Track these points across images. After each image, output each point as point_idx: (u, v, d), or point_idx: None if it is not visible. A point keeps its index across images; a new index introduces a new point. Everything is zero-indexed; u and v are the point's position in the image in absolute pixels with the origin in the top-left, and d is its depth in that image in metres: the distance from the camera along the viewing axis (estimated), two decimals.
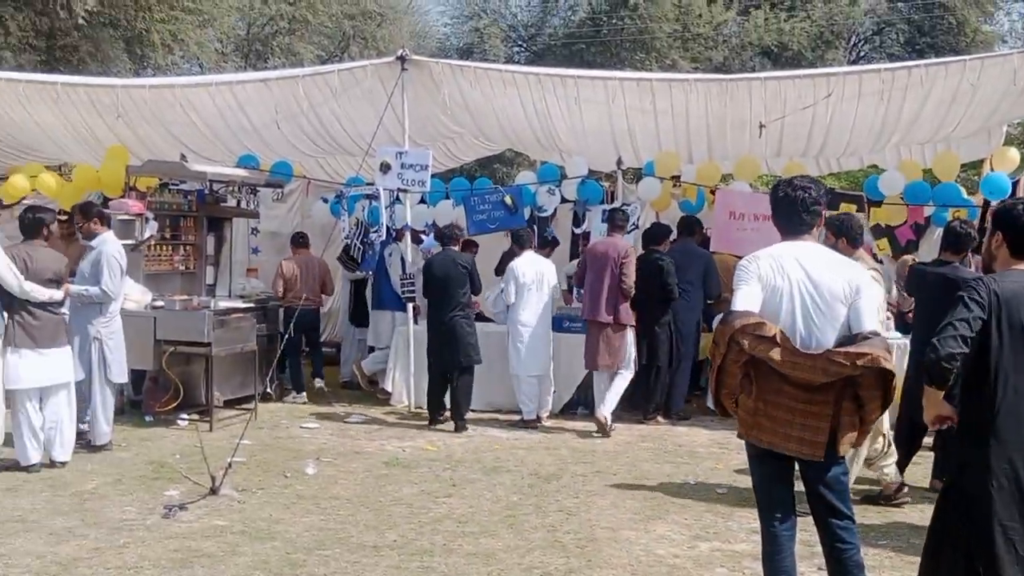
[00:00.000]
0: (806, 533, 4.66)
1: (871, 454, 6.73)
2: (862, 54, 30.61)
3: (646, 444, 8.80)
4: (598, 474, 7.61)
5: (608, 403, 9.17)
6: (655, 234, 9.75)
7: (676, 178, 10.99)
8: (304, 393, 10.79)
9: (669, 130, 11.11)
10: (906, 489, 6.87)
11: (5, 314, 7.27)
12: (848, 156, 12.19)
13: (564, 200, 11.45)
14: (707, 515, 6.53)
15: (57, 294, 7.49)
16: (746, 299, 4.18)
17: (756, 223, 10.03)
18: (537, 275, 9.55)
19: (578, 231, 11.79)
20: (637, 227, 10.35)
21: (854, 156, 12.19)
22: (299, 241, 11.39)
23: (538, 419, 9.54)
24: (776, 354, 4.02)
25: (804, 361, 4.01)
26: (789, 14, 27.02)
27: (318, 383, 11.17)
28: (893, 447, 6.79)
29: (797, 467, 4.24)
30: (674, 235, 10.18)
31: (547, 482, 7.37)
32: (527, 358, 9.52)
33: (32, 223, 7.62)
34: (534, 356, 9.52)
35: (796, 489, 4.26)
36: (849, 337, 4.09)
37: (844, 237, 6.39)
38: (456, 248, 9.73)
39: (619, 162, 11.01)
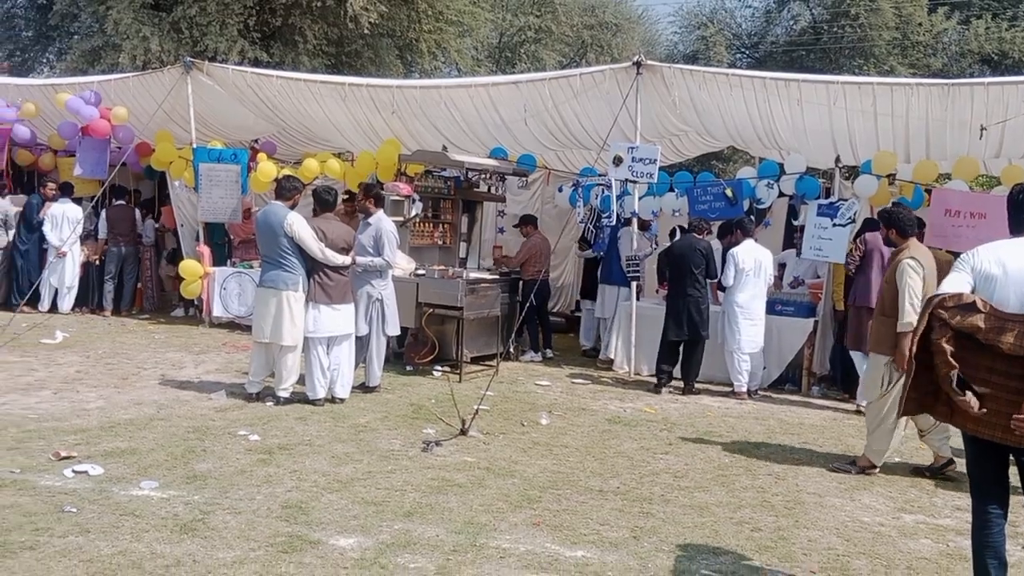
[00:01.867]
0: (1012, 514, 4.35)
1: (925, 426, 6.42)
2: None
3: (852, 420, 8.45)
4: (805, 445, 7.40)
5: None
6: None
7: (892, 176, 10.41)
8: (539, 353, 11.05)
9: (888, 131, 10.52)
10: (955, 464, 6.42)
11: (306, 275, 7.86)
12: None
13: (782, 194, 11.10)
14: (911, 490, 6.22)
15: (348, 260, 8.03)
16: (951, 283, 3.96)
17: (971, 220, 9.36)
18: (756, 262, 9.34)
19: (796, 223, 11.40)
20: (854, 221, 9.89)
21: None
22: (532, 222, 11.62)
23: (749, 393, 9.35)
24: (980, 320, 3.73)
25: (1009, 323, 3.70)
26: (1011, 23, 24.82)
27: (548, 353, 11.37)
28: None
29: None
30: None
31: (756, 448, 7.23)
32: (743, 337, 9.34)
33: (326, 200, 8.18)
34: (749, 335, 9.32)
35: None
36: None
37: (894, 228, 6.61)
38: (699, 236, 9.64)
39: (837, 160, 10.55)
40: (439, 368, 9.84)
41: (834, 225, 9.69)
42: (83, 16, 20.27)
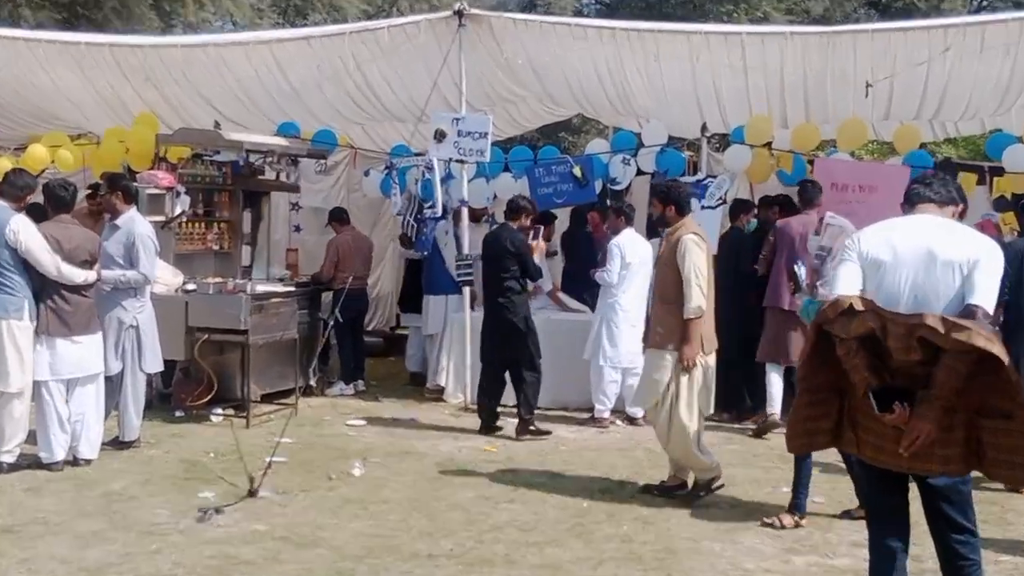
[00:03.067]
0: (916, 547, 4.62)
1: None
2: (984, 3, 29.94)
3: (732, 447, 8.78)
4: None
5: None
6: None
7: (768, 145, 10.91)
8: (352, 385, 10.98)
9: (761, 90, 11.02)
10: (686, 488, 7.21)
11: (33, 298, 7.48)
12: (968, 120, 11.98)
13: (640, 172, 11.42)
14: (802, 525, 6.51)
15: (92, 276, 7.71)
16: (844, 278, 4.20)
17: (861, 195, 9.92)
18: (641, 256, 9.52)
19: None
20: (725, 202, 10.30)
21: (975, 119, 11.97)
22: (341, 217, 11.54)
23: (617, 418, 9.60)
24: (869, 320, 3.98)
25: (890, 323, 3.96)
26: None
27: (361, 384, 11.29)
28: None
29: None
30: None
31: (621, 487, 7.40)
32: (622, 349, 9.52)
33: (61, 197, 7.82)
34: (629, 347, 9.42)
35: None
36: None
37: (672, 204, 7.16)
38: (514, 224, 9.51)
39: (703, 128, 10.96)
40: (219, 411, 9.60)
41: (703, 207, 10.05)
42: None
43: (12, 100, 12.94)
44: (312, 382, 10.65)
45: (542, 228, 10.32)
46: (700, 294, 6.89)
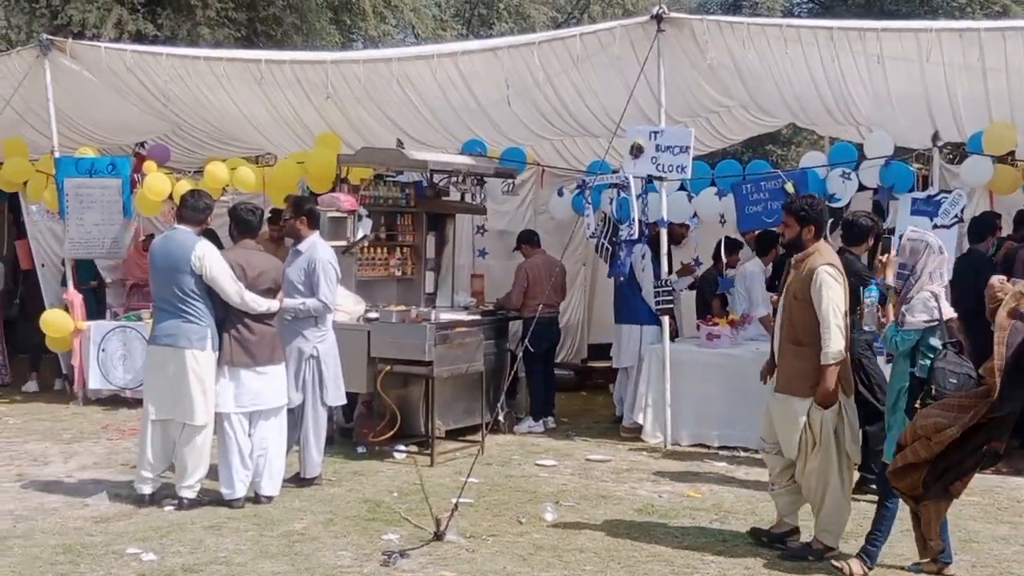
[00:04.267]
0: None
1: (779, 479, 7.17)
2: None
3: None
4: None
5: None
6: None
7: (1011, 155, 10.49)
8: (542, 421, 11.07)
9: (1002, 93, 10.59)
10: (798, 536, 7.10)
11: (216, 328, 7.85)
12: None
13: (862, 187, 11.14)
14: None
15: (275, 305, 8.04)
16: None
17: None
18: None
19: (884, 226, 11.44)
20: (961, 220, 9.93)
21: None
22: (531, 239, 11.69)
23: None
24: None
25: None
26: None
27: (551, 421, 11.37)
28: None
29: None
30: None
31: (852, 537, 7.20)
32: None
33: (247, 222, 8.17)
34: None
35: None
36: None
37: (813, 224, 6.85)
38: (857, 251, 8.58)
39: (935, 137, 10.61)
40: (402, 448, 9.82)
41: (936, 226, 9.73)
42: None
43: (191, 120, 13.67)
44: (500, 418, 10.77)
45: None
46: (840, 336, 6.57)
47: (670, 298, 10.35)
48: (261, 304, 7.91)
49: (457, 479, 8.24)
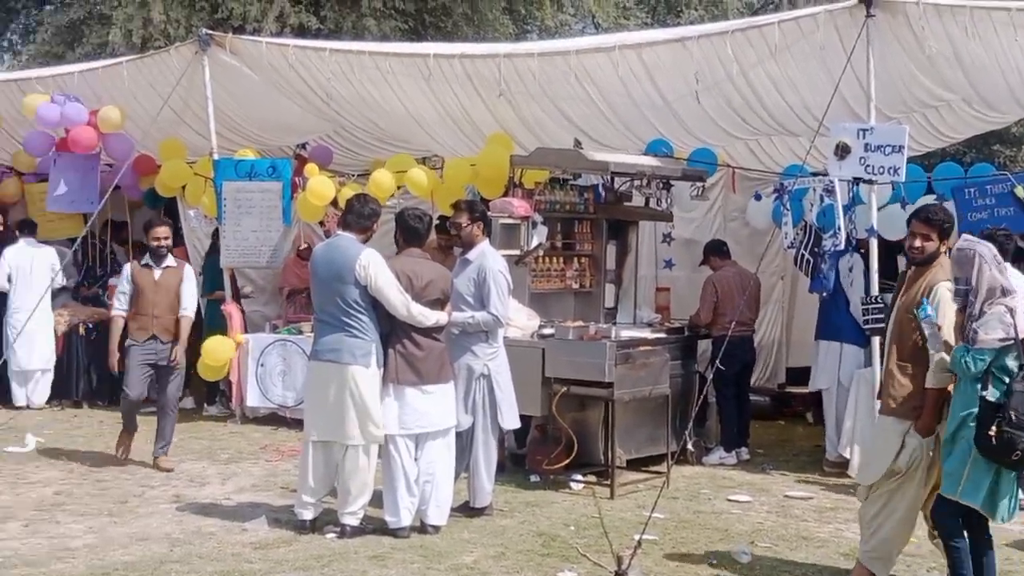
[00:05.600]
0: None
1: None
2: None
3: None
4: None
5: None
6: None
7: None
8: (735, 452, 10.99)
9: None
10: None
11: (381, 343, 8.01)
12: None
13: None
14: None
15: (443, 318, 8.17)
16: None
17: None
18: None
19: None
20: None
21: None
22: (721, 250, 11.64)
23: None
24: None
25: None
26: None
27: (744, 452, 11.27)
28: None
29: None
30: None
31: None
32: None
33: (415, 229, 8.32)
34: None
35: None
36: None
37: (938, 231, 6.81)
38: None
39: None
40: (579, 477, 9.85)
41: None
42: None
43: (355, 120, 14.00)
44: (688, 447, 10.70)
45: None
46: (948, 359, 6.46)
47: (880, 316, 10.11)
48: (429, 317, 8.03)
49: (640, 513, 8.22)
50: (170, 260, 10.46)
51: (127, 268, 10.51)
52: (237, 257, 12.93)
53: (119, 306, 10.36)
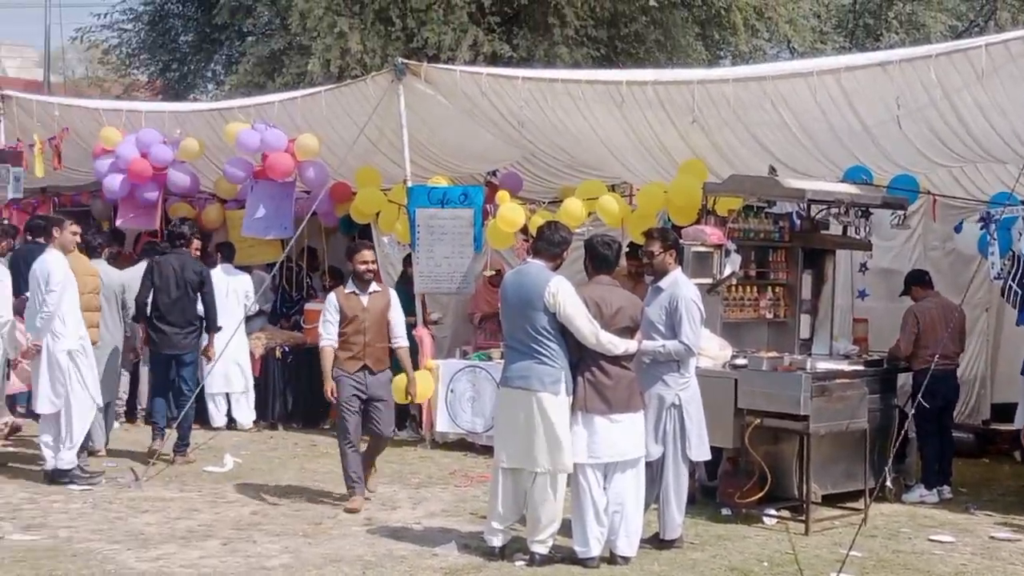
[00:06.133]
0: None
1: None
2: None
3: None
4: None
5: None
6: None
7: None
8: (936, 491, 10.70)
9: None
10: None
11: (570, 370, 8.03)
12: None
13: None
14: None
15: (633, 346, 8.16)
16: None
17: None
18: None
19: None
20: None
21: None
22: (923, 279, 11.37)
23: None
24: None
25: None
26: None
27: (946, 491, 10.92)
28: None
29: None
30: None
31: None
32: None
33: (604, 256, 8.32)
34: None
35: None
36: None
37: None
38: None
39: None
40: (772, 512, 9.70)
41: None
42: (259, 9, 22.22)
43: (545, 147, 14.10)
44: (887, 484, 10.43)
45: None
46: None
47: None
48: (618, 345, 8.03)
49: (836, 551, 8.06)
50: (375, 285, 10.08)
51: (332, 297, 10.05)
52: (430, 283, 13.13)
53: (328, 336, 9.89)
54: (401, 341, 10.18)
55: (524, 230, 12.71)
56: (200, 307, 11.99)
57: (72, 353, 10.54)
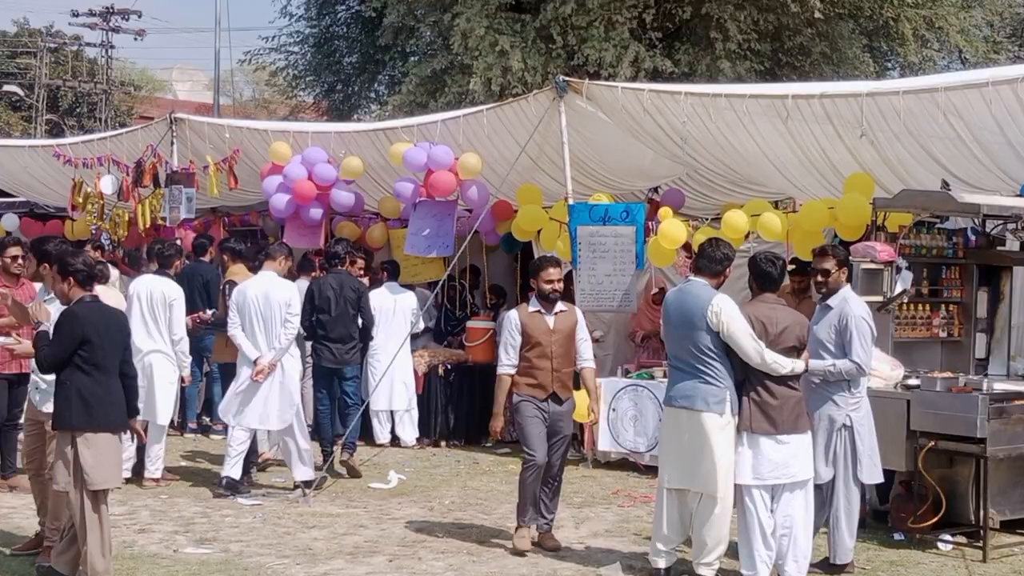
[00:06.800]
0: None
1: None
2: None
3: None
4: None
5: None
6: None
7: None
8: None
9: None
10: None
11: (735, 390, 7.97)
12: None
13: None
14: None
15: (799, 365, 8.04)
16: None
17: None
18: None
19: None
20: None
21: None
22: None
23: None
24: None
25: None
26: None
27: None
28: None
29: None
30: None
31: None
32: None
33: (768, 273, 8.22)
34: None
35: None
36: None
37: None
38: None
39: None
40: (948, 538, 9.45)
41: None
42: (421, 30, 22.58)
43: (707, 163, 14.01)
44: None
45: None
46: None
47: None
48: (784, 365, 7.92)
49: None
50: (561, 304, 9.25)
51: (514, 316, 9.23)
52: (591, 301, 13.11)
53: (508, 361, 9.09)
54: (588, 363, 9.41)
55: (686, 247, 12.62)
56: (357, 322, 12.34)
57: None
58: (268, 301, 11.05)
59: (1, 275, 10.14)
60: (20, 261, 9.96)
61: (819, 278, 8.82)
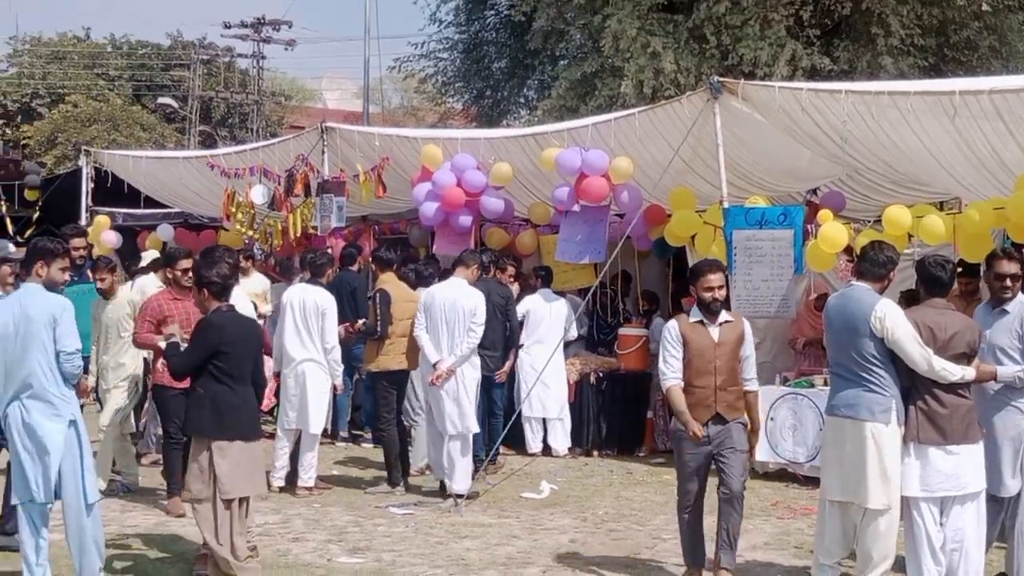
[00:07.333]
0: None
1: None
2: None
3: None
4: None
5: None
6: None
7: None
8: None
9: None
10: None
11: (901, 398, 7.76)
12: None
13: None
14: None
15: (970, 373, 7.80)
16: None
17: None
18: None
19: None
20: None
21: None
22: None
23: None
24: None
25: None
26: None
27: None
28: None
29: None
30: None
31: None
32: None
33: (937, 277, 7.97)
34: None
35: None
36: None
37: None
38: None
39: None
40: None
41: None
42: (571, 33, 22.59)
43: (868, 163, 13.72)
44: None
45: None
46: None
47: None
48: (954, 372, 7.69)
49: None
50: (725, 314, 8.57)
51: (674, 326, 8.56)
52: (748, 307, 12.91)
53: (672, 373, 8.41)
54: (752, 385, 8.65)
55: (848, 251, 12.38)
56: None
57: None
58: (455, 307, 11.20)
59: (173, 287, 10.44)
60: (191, 274, 10.16)
61: (1007, 283, 8.31)
